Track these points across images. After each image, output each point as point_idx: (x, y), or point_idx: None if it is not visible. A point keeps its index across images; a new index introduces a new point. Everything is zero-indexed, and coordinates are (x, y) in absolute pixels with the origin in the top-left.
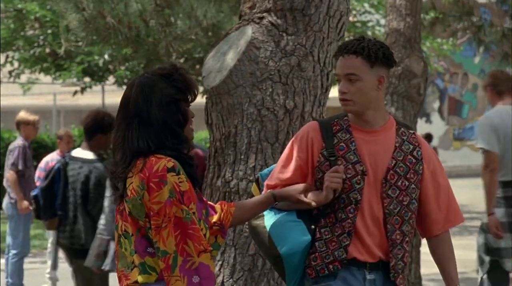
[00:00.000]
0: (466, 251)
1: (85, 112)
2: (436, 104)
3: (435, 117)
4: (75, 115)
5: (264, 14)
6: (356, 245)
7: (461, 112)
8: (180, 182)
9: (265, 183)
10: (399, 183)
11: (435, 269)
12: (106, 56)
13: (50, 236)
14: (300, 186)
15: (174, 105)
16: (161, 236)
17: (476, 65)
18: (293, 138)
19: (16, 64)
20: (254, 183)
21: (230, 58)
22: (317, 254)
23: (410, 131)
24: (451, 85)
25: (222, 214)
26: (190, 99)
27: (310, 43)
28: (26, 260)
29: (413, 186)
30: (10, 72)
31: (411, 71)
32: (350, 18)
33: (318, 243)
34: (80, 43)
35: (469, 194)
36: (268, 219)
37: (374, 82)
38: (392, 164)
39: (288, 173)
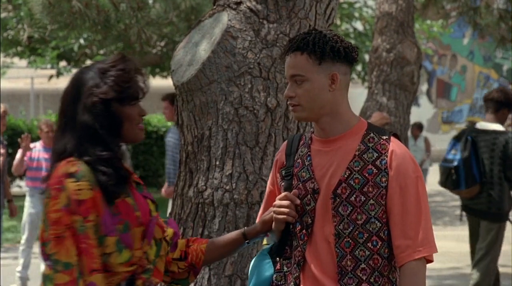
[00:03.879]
0: (459, 242)
1: None
2: (424, 87)
3: (424, 100)
4: (54, 99)
5: None
6: (307, 277)
7: (449, 95)
8: (79, 189)
9: None
10: (353, 198)
11: (429, 265)
12: (81, 41)
13: (26, 232)
14: (265, 217)
15: (103, 106)
16: (63, 246)
17: (465, 46)
18: None
19: None
20: None
21: (203, 50)
22: None
23: (383, 137)
24: (439, 67)
25: (191, 254)
26: (128, 99)
27: (294, 32)
28: None
29: (372, 201)
30: None
31: (404, 58)
32: None
33: (276, 275)
34: (43, 29)
35: None
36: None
37: (325, 82)
38: (345, 175)
39: (264, 203)
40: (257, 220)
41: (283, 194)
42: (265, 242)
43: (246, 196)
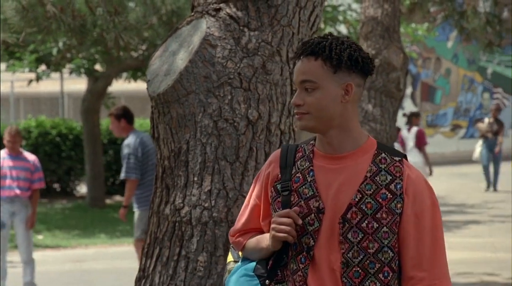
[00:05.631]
0: (449, 250)
1: (44, 100)
2: (409, 90)
3: (408, 103)
4: (34, 103)
5: (221, 5)
6: None
7: (434, 98)
8: None
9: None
10: (364, 224)
11: None
12: (60, 45)
13: None
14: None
15: None
16: None
17: (449, 49)
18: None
19: None
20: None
21: (181, 59)
22: None
23: (395, 158)
24: (423, 71)
25: None
26: None
27: (277, 40)
28: None
29: (385, 228)
30: None
31: (390, 64)
32: None
33: None
34: (17, 33)
35: (446, 183)
36: (231, 272)
37: (338, 92)
38: (356, 199)
39: (244, 216)
40: (231, 235)
41: (284, 210)
42: (230, 258)
43: (226, 214)
